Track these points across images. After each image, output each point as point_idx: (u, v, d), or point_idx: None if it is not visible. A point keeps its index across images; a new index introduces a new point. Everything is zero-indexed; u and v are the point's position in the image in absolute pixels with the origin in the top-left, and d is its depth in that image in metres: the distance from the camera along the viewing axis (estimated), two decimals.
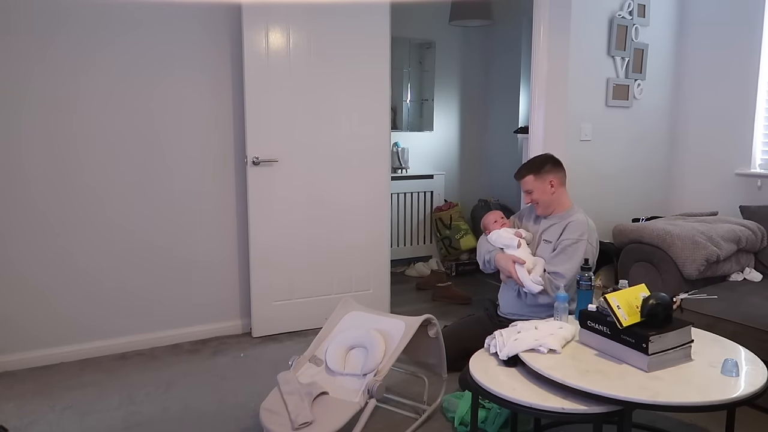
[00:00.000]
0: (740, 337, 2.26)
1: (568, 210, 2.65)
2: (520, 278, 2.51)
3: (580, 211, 2.65)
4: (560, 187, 2.65)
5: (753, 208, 3.31)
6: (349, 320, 2.47)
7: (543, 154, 2.76)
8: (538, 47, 3.42)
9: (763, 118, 3.57)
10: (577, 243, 2.50)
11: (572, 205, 2.68)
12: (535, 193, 2.64)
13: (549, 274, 2.53)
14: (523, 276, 2.51)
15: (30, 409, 2.46)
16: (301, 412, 2.01)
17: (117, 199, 3.01)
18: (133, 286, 3.09)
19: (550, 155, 2.72)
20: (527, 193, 2.66)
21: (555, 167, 2.66)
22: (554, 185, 2.63)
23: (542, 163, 2.66)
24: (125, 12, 2.92)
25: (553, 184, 2.62)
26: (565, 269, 2.49)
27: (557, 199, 2.65)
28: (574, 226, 2.55)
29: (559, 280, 2.48)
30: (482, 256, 2.73)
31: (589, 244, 2.52)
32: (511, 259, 2.57)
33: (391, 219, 3.99)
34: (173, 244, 3.16)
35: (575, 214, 2.61)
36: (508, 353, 1.90)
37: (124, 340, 3.09)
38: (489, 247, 2.70)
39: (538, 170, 2.63)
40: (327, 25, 3.23)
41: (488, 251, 2.69)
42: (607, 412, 1.68)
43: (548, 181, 2.62)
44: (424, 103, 4.93)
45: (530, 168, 2.66)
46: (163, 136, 3.08)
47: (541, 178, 2.63)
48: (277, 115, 3.18)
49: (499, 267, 2.63)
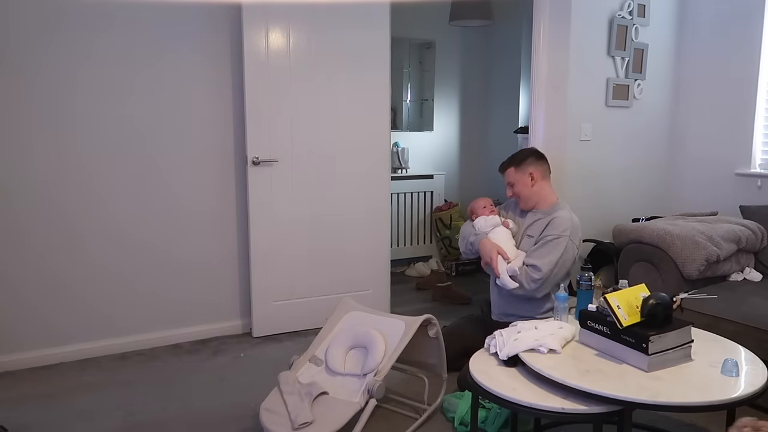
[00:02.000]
0: (740, 336, 2.26)
1: (553, 206, 2.65)
2: (498, 269, 2.52)
3: (565, 207, 2.64)
4: (542, 181, 2.66)
5: (753, 208, 3.31)
6: (349, 320, 2.47)
7: (526, 148, 2.79)
8: (538, 47, 3.42)
9: (763, 118, 3.57)
10: (559, 239, 2.50)
11: (557, 200, 2.68)
12: (516, 186, 2.66)
13: (527, 266, 2.52)
14: (501, 268, 2.51)
15: (30, 409, 2.46)
16: (301, 412, 2.01)
17: (117, 199, 3.01)
18: (132, 286, 3.09)
19: (533, 149, 2.76)
20: (509, 186, 2.69)
21: (537, 160, 2.67)
22: (534, 178, 2.63)
23: (524, 156, 2.69)
24: (125, 12, 2.92)
25: (533, 177, 2.63)
26: (542, 263, 2.48)
27: (538, 193, 2.65)
28: (558, 222, 2.55)
29: (536, 273, 2.48)
30: (466, 239, 2.72)
31: (570, 241, 2.52)
32: (495, 248, 2.56)
33: (391, 219, 3.99)
34: (173, 244, 3.16)
35: (560, 211, 2.61)
36: (508, 353, 1.90)
37: (124, 340, 3.09)
38: (474, 231, 2.69)
39: (519, 163, 2.66)
40: (327, 25, 3.23)
41: (474, 234, 2.68)
42: (607, 412, 1.68)
43: (528, 173, 2.63)
44: (424, 103, 4.93)
45: (512, 161, 2.69)
46: (163, 136, 3.08)
47: (521, 170, 2.65)
48: (277, 115, 3.18)
49: (481, 252, 2.62)
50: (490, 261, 2.56)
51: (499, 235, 2.62)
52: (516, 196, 2.69)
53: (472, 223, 2.74)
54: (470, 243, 2.68)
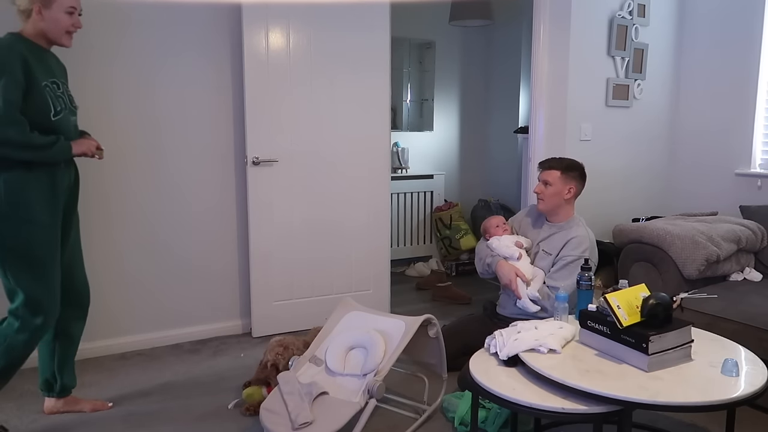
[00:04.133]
0: (740, 336, 2.26)
1: (569, 221, 2.65)
2: (520, 293, 2.53)
3: (581, 223, 2.64)
4: (573, 198, 2.65)
5: (753, 208, 3.31)
6: (349, 320, 2.47)
7: (576, 161, 2.70)
8: (538, 47, 3.42)
9: (763, 118, 3.57)
10: (579, 260, 2.49)
11: (574, 215, 2.68)
12: (551, 188, 2.61)
13: (548, 287, 2.54)
14: (522, 292, 2.53)
15: (30, 409, 2.46)
16: (301, 412, 2.01)
17: (116, 199, 3.01)
18: (133, 286, 3.09)
19: (581, 165, 2.69)
20: (543, 184, 2.63)
21: (580, 177, 2.65)
22: (571, 193, 2.62)
23: (573, 167, 2.64)
24: (125, 12, 2.92)
25: (570, 192, 2.62)
26: (565, 285, 2.50)
27: (564, 207, 2.65)
28: (577, 243, 2.55)
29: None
30: (483, 260, 2.73)
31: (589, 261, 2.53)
32: (514, 270, 2.57)
33: (391, 219, 3.99)
34: (173, 244, 3.16)
35: (576, 227, 2.61)
36: (508, 353, 1.90)
37: (124, 340, 3.09)
38: (490, 252, 2.70)
39: (567, 171, 2.61)
40: (327, 25, 3.23)
41: (490, 255, 2.69)
42: (607, 412, 1.68)
43: (568, 187, 2.61)
44: (424, 103, 4.93)
45: (560, 164, 2.64)
46: (162, 136, 3.08)
47: (565, 179, 2.61)
48: (277, 115, 3.18)
49: (499, 274, 2.63)
50: (509, 284, 2.57)
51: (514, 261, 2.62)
52: (543, 196, 2.64)
53: (486, 243, 2.74)
54: (487, 264, 2.69)
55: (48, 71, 2.12)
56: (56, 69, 2.21)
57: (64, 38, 2.15)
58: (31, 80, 2.02)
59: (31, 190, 2.06)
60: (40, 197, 2.09)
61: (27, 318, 2.10)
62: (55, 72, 2.18)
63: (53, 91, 2.10)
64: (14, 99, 1.97)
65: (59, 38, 2.14)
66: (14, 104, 1.97)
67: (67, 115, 2.15)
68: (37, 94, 2.03)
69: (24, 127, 1.99)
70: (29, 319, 2.10)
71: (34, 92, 2.03)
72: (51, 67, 2.16)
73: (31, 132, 2.01)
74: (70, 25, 2.13)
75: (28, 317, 2.10)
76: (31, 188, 2.06)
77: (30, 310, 2.10)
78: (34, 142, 2.01)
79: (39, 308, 2.11)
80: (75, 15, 2.14)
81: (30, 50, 2.07)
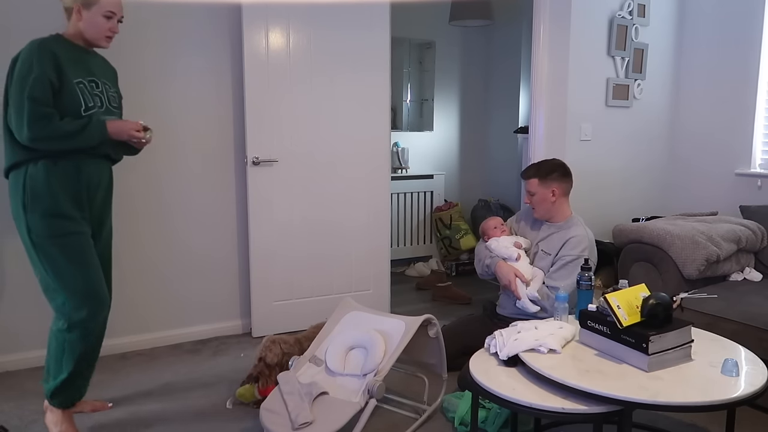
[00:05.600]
0: (740, 336, 2.26)
1: (567, 220, 2.65)
2: (519, 293, 2.54)
3: (579, 223, 2.64)
4: (562, 197, 2.65)
5: (753, 208, 3.31)
6: (349, 320, 2.47)
7: (554, 161, 2.71)
8: (538, 47, 3.42)
9: (763, 118, 3.57)
10: (578, 259, 2.49)
11: (572, 214, 2.67)
12: (536, 197, 2.64)
13: (548, 287, 2.55)
14: (522, 292, 2.53)
15: (30, 409, 2.46)
16: (301, 412, 2.01)
17: (115, 200, 3.00)
18: (132, 285, 3.09)
19: (560, 164, 2.69)
20: (528, 194, 2.67)
21: (562, 177, 2.64)
22: (556, 195, 2.62)
23: (550, 170, 2.64)
24: (125, 12, 2.90)
25: (555, 194, 2.62)
26: (564, 285, 2.51)
27: (557, 209, 2.65)
28: (576, 242, 2.56)
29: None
30: (482, 261, 2.73)
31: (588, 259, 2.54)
32: (513, 271, 2.58)
33: (391, 219, 3.99)
34: (172, 244, 3.16)
35: (574, 227, 2.61)
36: (508, 353, 1.90)
37: (124, 340, 3.09)
38: (489, 253, 2.70)
39: (545, 176, 2.62)
40: (327, 25, 3.23)
41: (489, 257, 2.69)
42: (607, 412, 1.68)
43: (551, 190, 2.61)
44: (424, 103, 4.93)
45: (537, 171, 2.64)
46: (162, 136, 3.07)
47: (545, 184, 2.62)
48: (277, 115, 3.18)
49: (498, 275, 2.64)
50: (508, 284, 2.57)
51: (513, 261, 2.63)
52: (533, 205, 2.67)
53: (485, 244, 2.75)
54: (486, 266, 2.70)
55: (86, 70, 2.16)
56: (98, 69, 2.24)
57: (101, 40, 2.21)
58: (62, 77, 2.06)
59: (56, 183, 2.08)
60: (65, 190, 2.10)
61: (71, 314, 2.10)
62: (95, 72, 2.21)
63: (89, 90, 2.13)
64: (39, 95, 2.00)
65: (96, 40, 2.20)
66: (39, 101, 2.00)
67: (100, 113, 2.16)
68: (69, 90, 2.07)
69: (49, 120, 2.01)
70: (73, 314, 2.10)
71: (66, 89, 2.06)
72: (90, 66, 2.20)
73: (61, 120, 2.03)
74: (107, 29, 2.19)
75: (72, 312, 2.10)
76: (56, 181, 2.08)
77: (72, 304, 2.10)
78: (64, 130, 2.03)
79: (81, 302, 2.10)
80: (113, 20, 2.20)
81: (66, 49, 2.12)
